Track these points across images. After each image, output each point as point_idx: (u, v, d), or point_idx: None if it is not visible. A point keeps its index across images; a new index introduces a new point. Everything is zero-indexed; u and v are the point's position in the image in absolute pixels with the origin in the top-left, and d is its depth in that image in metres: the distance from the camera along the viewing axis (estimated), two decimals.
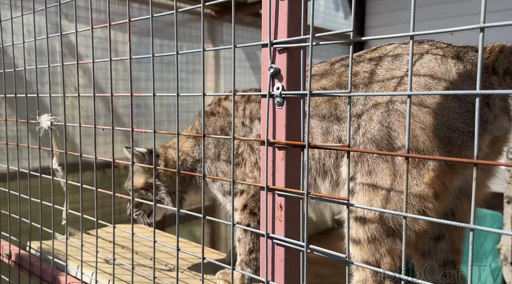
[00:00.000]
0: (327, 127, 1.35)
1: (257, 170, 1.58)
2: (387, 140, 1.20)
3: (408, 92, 0.71)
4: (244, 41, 4.48)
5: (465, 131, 1.14)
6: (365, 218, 1.23)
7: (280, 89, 0.87)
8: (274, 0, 0.86)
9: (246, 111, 1.63)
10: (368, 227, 1.22)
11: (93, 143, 1.30)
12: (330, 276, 4.41)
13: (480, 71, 0.65)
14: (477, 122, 0.64)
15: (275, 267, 0.92)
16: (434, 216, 1.19)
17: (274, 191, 0.90)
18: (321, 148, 0.84)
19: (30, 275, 1.68)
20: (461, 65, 1.17)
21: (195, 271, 1.70)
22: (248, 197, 1.57)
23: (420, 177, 1.17)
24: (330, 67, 1.40)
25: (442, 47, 1.22)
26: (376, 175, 1.22)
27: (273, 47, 0.87)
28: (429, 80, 1.17)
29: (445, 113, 1.14)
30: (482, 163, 0.64)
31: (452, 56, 1.19)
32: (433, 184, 1.17)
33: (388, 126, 1.20)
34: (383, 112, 1.21)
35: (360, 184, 1.24)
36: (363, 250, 1.23)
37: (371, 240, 1.22)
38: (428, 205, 1.18)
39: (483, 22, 0.63)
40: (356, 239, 1.24)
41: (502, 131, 1.19)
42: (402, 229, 1.21)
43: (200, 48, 0.96)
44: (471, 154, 1.16)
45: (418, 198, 1.17)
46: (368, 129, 1.23)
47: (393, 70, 1.24)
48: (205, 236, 4.40)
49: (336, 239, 6.03)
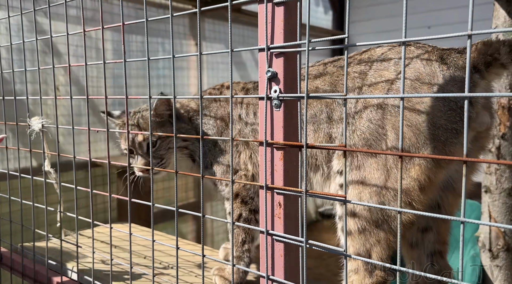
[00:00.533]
0: (318, 125, 1.40)
1: (250, 163, 1.61)
2: (375, 137, 1.26)
3: (401, 95, 0.75)
4: (226, 36, 4.49)
5: (448, 128, 1.21)
6: (355, 210, 1.29)
7: (278, 92, 0.90)
8: (270, 6, 0.89)
9: (243, 105, 1.65)
10: (358, 218, 1.28)
11: (81, 143, 1.30)
12: (314, 268, 4.50)
13: (469, 75, 0.70)
14: (466, 123, 0.69)
15: (275, 262, 0.96)
16: (420, 208, 1.25)
17: (273, 189, 0.94)
18: (318, 148, 0.88)
19: (23, 277, 1.68)
20: (445, 66, 1.24)
21: (189, 268, 1.72)
22: (239, 186, 1.60)
23: (407, 171, 1.23)
24: (324, 68, 1.45)
25: (427, 50, 1.29)
26: (364, 169, 1.28)
27: (270, 51, 0.90)
28: (415, 82, 1.23)
29: (429, 112, 1.21)
30: (471, 161, 0.69)
31: (436, 59, 1.25)
32: (418, 178, 1.23)
33: (376, 123, 1.26)
34: (372, 111, 1.27)
35: (350, 178, 1.30)
36: (354, 241, 1.29)
37: (361, 230, 1.28)
38: (414, 197, 1.25)
39: (471, 29, 0.68)
40: (347, 231, 1.29)
41: (484, 126, 1.26)
42: (389, 219, 1.27)
43: (184, 45, 0.98)
44: (455, 150, 1.23)
45: (404, 191, 1.23)
46: (358, 126, 1.29)
47: (382, 70, 1.29)
48: (191, 232, 4.42)
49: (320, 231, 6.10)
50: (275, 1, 0.88)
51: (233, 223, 1.03)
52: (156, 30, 3.85)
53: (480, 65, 1.22)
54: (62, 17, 3.17)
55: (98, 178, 3.42)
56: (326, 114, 1.39)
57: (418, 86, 1.22)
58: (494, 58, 1.20)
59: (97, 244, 1.95)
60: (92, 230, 1.36)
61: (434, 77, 1.23)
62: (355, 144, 1.29)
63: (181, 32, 4.05)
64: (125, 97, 1.19)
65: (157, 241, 1.18)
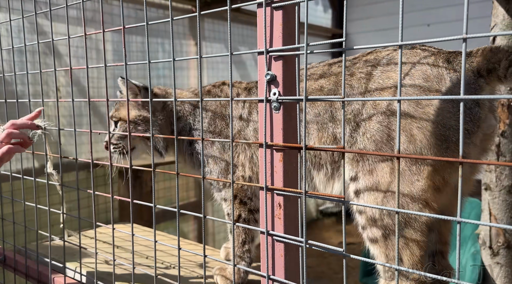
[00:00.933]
0: (322, 124, 1.40)
1: (248, 162, 1.61)
2: (386, 140, 1.26)
3: (398, 98, 0.76)
4: (226, 37, 4.50)
5: (459, 129, 1.22)
6: (374, 217, 1.29)
7: (277, 95, 0.91)
8: (269, 10, 0.90)
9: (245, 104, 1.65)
10: (379, 225, 1.28)
11: (82, 143, 1.32)
12: (316, 266, 4.52)
13: (464, 77, 0.71)
14: (461, 125, 0.71)
15: (275, 262, 0.97)
16: (435, 208, 1.26)
17: (273, 190, 0.95)
18: (317, 149, 0.89)
19: (26, 278, 1.69)
20: (452, 69, 1.25)
21: (191, 268, 1.74)
22: (237, 187, 1.61)
23: (420, 172, 1.24)
24: (328, 68, 1.45)
25: (433, 52, 1.30)
26: (377, 174, 1.28)
27: (269, 55, 0.91)
28: (423, 83, 1.24)
29: (439, 113, 1.22)
30: (467, 162, 0.70)
31: (443, 61, 1.26)
32: (433, 179, 1.24)
33: (387, 126, 1.26)
34: (382, 113, 1.27)
35: (364, 184, 1.30)
36: (382, 248, 1.29)
37: (386, 236, 1.28)
38: (431, 198, 1.25)
39: (466, 33, 0.70)
40: (373, 238, 1.30)
41: (491, 129, 1.28)
42: (411, 221, 1.28)
43: (184, 45, 1.00)
44: (468, 150, 1.25)
45: (420, 193, 1.24)
46: (368, 128, 1.29)
47: (388, 72, 1.30)
48: (192, 232, 4.44)
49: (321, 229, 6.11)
50: (273, 5, 0.89)
51: (234, 223, 1.04)
52: (156, 31, 3.86)
53: (482, 71, 1.23)
54: (61, 19, 3.18)
55: (99, 178, 3.44)
56: (330, 114, 1.39)
57: (427, 88, 1.23)
58: (494, 68, 1.21)
59: (99, 244, 1.96)
60: (95, 231, 1.37)
61: (441, 80, 1.23)
62: (365, 147, 1.29)
63: (180, 32, 4.06)
64: (127, 100, 1.20)
65: (159, 241, 1.20)
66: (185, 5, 4.13)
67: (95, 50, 3.45)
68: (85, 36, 1.26)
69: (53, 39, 1.37)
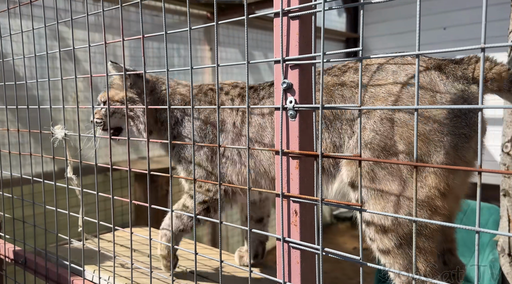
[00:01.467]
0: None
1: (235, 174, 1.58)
2: (383, 147, 1.27)
3: (415, 106, 0.77)
4: (240, 41, 4.53)
5: (456, 134, 1.23)
6: (384, 226, 1.29)
7: (293, 103, 0.92)
8: (286, 20, 0.91)
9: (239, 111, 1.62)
10: (390, 234, 1.28)
11: (100, 147, 1.34)
12: (330, 272, 4.49)
13: (482, 87, 0.71)
14: (479, 134, 0.71)
15: (291, 269, 0.98)
16: (443, 214, 1.26)
17: (289, 197, 0.96)
18: (333, 157, 0.90)
19: (46, 280, 1.73)
20: (444, 76, 1.27)
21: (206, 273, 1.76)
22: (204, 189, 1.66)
23: (424, 179, 1.24)
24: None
25: (424, 60, 1.32)
26: (379, 182, 1.28)
27: (285, 63, 0.93)
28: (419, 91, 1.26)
29: (435, 120, 1.23)
30: (486, 171, 0.70)
31: (434, 68, 1.29)
32: (437, 186, 1.24)
33: (383, 134, 1.27)
34: (376, 122, 1.28)
35: (367, 192, 1.30)
36: (396, 258, 1.29)
37: (398, 246, 1.28)
38: (437, 204, 1.25)
39: (484, 42, 0.70)
40: (385, 250, 1.30)
41: (484, 132, 1.33)
42: (421, 228, 1.28)
43: (199, 50, 1.01)
44: (467, 154, 1.26)
45: (427, 200, 1.24)
46: (363, 136, 1.30)
47: (379, 80, 1.32)
48: (206, 235, 4.46)
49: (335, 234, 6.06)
50: (290, 15, 0.90)
51: (250, 229, 1.05)
52: (172, 36, 3.90)
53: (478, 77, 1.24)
54: (80, 25, 3.25)
55: (116, 181, 3.50)
56: (325, 124, 1.40)
57: (421, 95, 1.25)
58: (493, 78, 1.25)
59: (116, 247, 1.99)
60: (113, 234, 1.40)
61: (434, 86, 1.26)
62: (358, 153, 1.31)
63: (195, 37, 4.10)
64: (145, 107, 1.22)
65: (175, 246, 1.21)
66: (200, 10, 4.18)
67: (112, 55, 3.51)
68: (105, 45, 1.29)
69: (74, 47, 1.40)
